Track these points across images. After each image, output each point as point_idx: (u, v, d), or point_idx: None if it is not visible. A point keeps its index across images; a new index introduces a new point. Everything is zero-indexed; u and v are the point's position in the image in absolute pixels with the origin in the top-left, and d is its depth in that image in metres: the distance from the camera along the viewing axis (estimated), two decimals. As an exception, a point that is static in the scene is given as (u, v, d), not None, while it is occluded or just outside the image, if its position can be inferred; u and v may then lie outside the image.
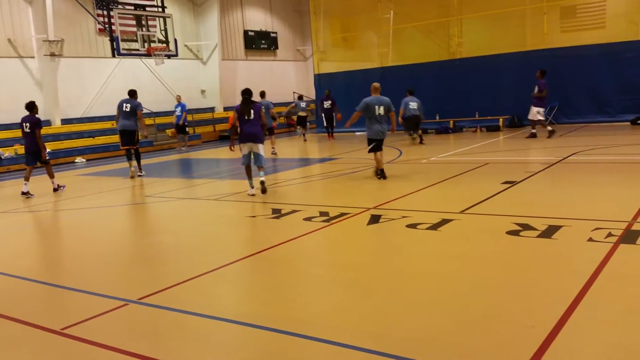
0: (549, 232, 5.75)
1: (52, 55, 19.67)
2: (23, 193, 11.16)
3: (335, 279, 5.02)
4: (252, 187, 9.51)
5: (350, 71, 22.31)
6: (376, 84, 10.39)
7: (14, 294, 5.17)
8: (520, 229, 5.96)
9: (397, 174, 10.88)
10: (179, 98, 20.66)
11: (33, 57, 19.85)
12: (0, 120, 18.95)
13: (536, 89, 14.83)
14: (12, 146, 18.05)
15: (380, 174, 10.00)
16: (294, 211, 7.83)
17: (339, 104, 19.42)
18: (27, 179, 11.28)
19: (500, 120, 18.28)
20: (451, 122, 19.38)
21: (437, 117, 19.57)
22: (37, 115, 11.50)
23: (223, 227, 7.62)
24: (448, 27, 20.58)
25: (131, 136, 13.07)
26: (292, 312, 4.22)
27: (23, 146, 12.09)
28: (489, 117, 18.57)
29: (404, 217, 6.93)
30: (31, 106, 11.45)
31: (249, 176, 9.67)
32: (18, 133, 18.82)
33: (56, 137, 19.59)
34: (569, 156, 11.07)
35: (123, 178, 13.11)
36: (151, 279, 5.37)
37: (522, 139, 14.95)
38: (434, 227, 6.36)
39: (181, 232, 7.47)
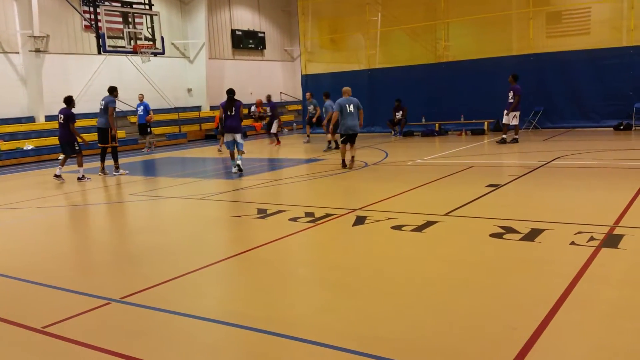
0: (532, 235, 5.81)
1: (37, 51, 19.44)
2: (56, 176, 12.29)
3: (320, 280, 5.03)
4: (234, 167, 11.96)
5: (338, 72, 22.35)
6: (346, 88, 11.97)
7: (-6, 292, 5.10)
8: (504, 231, 6.02)
9: (383, 176, 10.93)
10: (141, 97, 20.01)
11: (18, 53, 19.59)
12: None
13: (511, 94, 15.00)
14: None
15: (343, 164, 11.72)
16: (279, 211, 7.82)
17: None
18: (62, 164, 12.50)
19: (486, 123, 18.42)
20: (437, 125, 19.49)
21: (423, 120, 19.66)
22: (72, 110, 12.25)
23: (208, 227, 7.59)
24: (435, 30, 20.71)
25: (103, 134, 12.97)
26: (277, 313, 4.21)
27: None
28: (474, 121, 18.70)
29: (389, 218, 6.95)
30: (68, 100, 12.25)
31: (232, 158, 12.09)
32: (2, 128, 18.64)
33: (40, 133, 19.35)
34: (552, 160, 11.19)
35: (106, 176, 12.99)
36: (134, 278, 5.33)
37: (507, 142, 15.08)
38: (419, 229, 6.39)
39: (165, 231, 7.42)
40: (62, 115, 12.14)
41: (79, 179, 12.37)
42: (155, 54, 21.99)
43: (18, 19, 19.46)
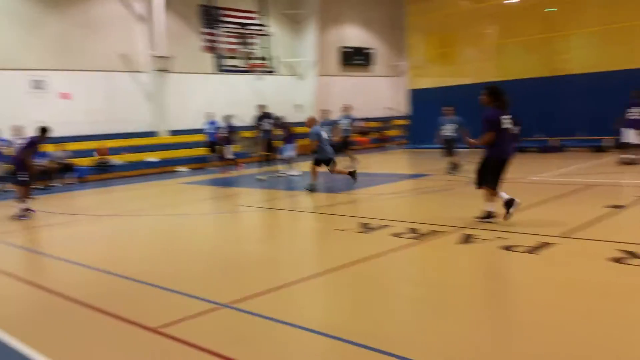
0: (661, 262, 5.31)
1: (162, 70, 21.02)
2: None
3: (422, 298, 4.92)
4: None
5: (446, 87, 21.93)
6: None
7: (115, 292, 5.54)
8: (626, 256, 5.54)
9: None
10: (210, 115, 19.82)
11: (144, 72, 21.31)
12: (115, 129, 20.45)
13: (635, 110, 13.71)
14: (121, 154, 19.40)
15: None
16: (382, 226, 7.78)
17: (433, 120, 19.11)
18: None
19: (606, 140, 17.13)
20: (552, 140, 18.45)
21: (537, 136, 18.71)
22: (42, 139, 10.84)
23: (311, 239, 7.73)
24: (552, 42, 19.70)
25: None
26: (378, 328, 4.18)
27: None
28: (593, 137, 17.47)
29: (498, 238, 6.67)
30: (42, 130, 10.73)
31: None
32: (129, 141, 20.32)
33: (162, 147, 20.83)
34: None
35: (218, 187, 13.66)
36: (241, 284, 5.54)
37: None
38: (531, 250, 6.06)
39: (271, 241, 7.66)
40: (24, 141, 10.87)
41: (16, 216, 10.25)
42: (268, 73, 22.89)
43: (146, 41, 21.21)
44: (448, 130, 13.49)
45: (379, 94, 30.13)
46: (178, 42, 21.84)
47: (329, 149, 12.22)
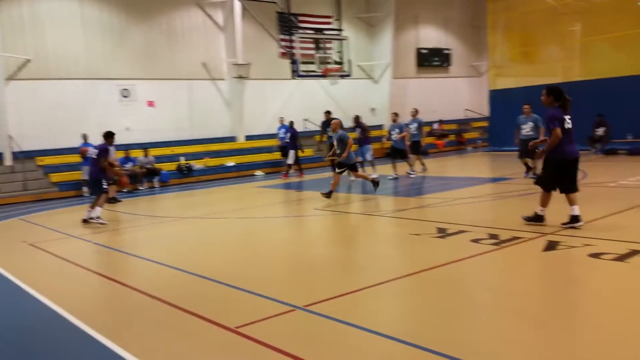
0: None
1: (240, 77, 21.62)
2: (84, 221, 10.53)
3: (503, 307, 4.71)
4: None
5: (530, 87, 21.07)
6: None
7: (196, 292, 5.72)
8: None
9: (580, 198, 9.94)
10: (281, 120, 19.98)
11: (223, 79, 22.01)
12: (194, 136, 21.27)
13: None
14: (203, 159, 20.12)
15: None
16: (460, 231, 7.56)
17: (515, 121, 18.42)
18: (92, 206, 10.60)
19: None
20: (646, 142, 17.28)
21: (629, 137, 17.56)
22: (110, 145, 10.91)
23: (386, 243, 7.63)
24: (645, 38, 18.46)
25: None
26: (455, 337, 4.04)
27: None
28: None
29: (586, 245, 6.29)
30: (107, 135, 10.82)
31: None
32: (209, 147, 21.05)
33: (240, 151, 21.41)
34: None
35: (292, 191, 13.82)
36: (317, 288, 5.55)
37: None
38: (621, 258, 5.67)
39: (345, 245, 7.64)
40: (96, 150, 10.76)
41: (84, 220, 10.48)
42: (342, 77, 22.97)
43: (224, 49, 21.89)
44: (527, 129, 12.71)
45: (458, 96, 29.46)
46: (255, 49, 22.39)
47: (352, 155, 12.03)
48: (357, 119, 15.91)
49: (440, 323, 4.35)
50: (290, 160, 18.07)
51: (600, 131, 17.96)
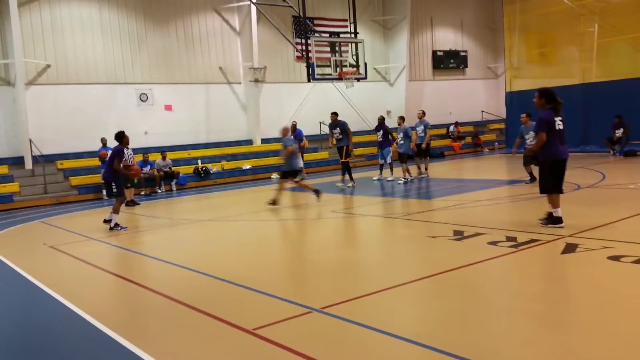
0: None
1: (256, 81, 21.74)
2: (106, 221, 10.59)
3: (521, 310, 4.68)
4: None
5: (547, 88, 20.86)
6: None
7: (214, 294, 5.76)
8: None
9: (599, 200, 9.84)
10: (294, 124, 18.97)
11: (240, 83, 22.15)
12: (211, 139, 21.43)
13: None
14: (220, 162, 20.25)
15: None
16: (477, 234, 7.52)
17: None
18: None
19: None
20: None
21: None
22: (125, 147, 10.65)
23: (403, 246, 7.62)
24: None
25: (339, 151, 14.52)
26: (473, 340, 4.02)
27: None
28: None
29: (605, 247, 6.22)
30: (120, 136, 10.56)
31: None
32: (226, 150, 21.19)
33: (256, 154, 21.52)
34: None
35: (307, 193, 13.83)
36: (333, 290, 5.56)
37: None
38: (642, 261, 5.60)
39: (362, 247, 7.64)
40: (109, 152, 10.64)
41: (105, 221, 10.52)
42: (358, 80, 22.96)
43: (241, 53, 22.03)
44: (530, 138, 11.97)
45: (474, 98, 29.31)
46: (272, 53, 22.50)
47: (296, 161, 11.80)
48: (381, 120, 15.86)
49: (457, 326, 4.34)
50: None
51: (619, 132, 17.75)
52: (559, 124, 7.41)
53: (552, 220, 7.58)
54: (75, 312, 5.37)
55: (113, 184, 10.38)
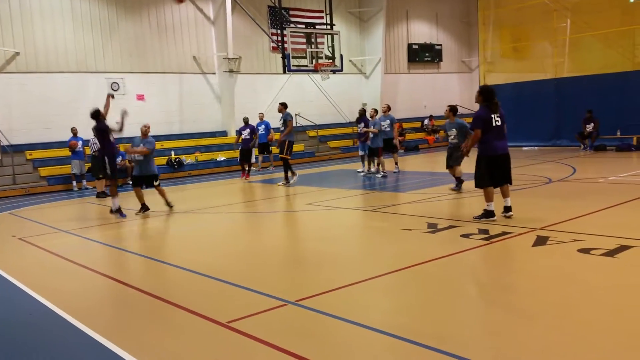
0: None
1: (231, 71, 21.52)
2: (112, 212, 10.68)
3: (492, 301, 4.76)
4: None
5: (520, 82, 21.17)
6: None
7: (187, 287, 5.71)
8: None
9: (569, 194, 10.04)
10: (261, 116, 19.19)
11: (214, 73, 21.90)
12: (184, 130, 21.17)
13: None
14: (194, 153, 20.04)
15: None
16: (450, 227, 7.61)
17: (508, 116, 18.51)
18: (112, 195, 10.78)
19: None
20: (635, 138, 17.41)
21: (618, 133, 17.72)
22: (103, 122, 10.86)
23: (376, 238, 7.66)
24: (633, 35, 18.58)
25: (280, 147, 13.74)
26: (444, 330, 4.08)
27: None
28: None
29: (575, 240, 6.36)
30: (96, 114, 10.84)
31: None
32: (200, 141, 20.97)
33: (231, 146, 21.32)
34: None
35: (282, 186, 13.81)
36: (308, 282, 5.57)
37: None
38: (610, 253, 5.74)
39: (336, 240, 7.65)
40: (95, 131, 10.84)
41: (112, 212, 10.64)
42: (334, 72, 22.93)
43: (215, 43, 21.78)
44: (452, 135, 11.18)
45: (449, 91, 29.54)
46: (247, 43, 22.29)
47: (153, 166, 10.78)
48: (362, 112, 15.70)
49: (429, 317, 4.38)
50: (252, 158, 17.76)
51: (589, 127, 18.11)
52: (496, 120, 7.63)
53: (485, 214, 7.84)
54: (45, 306, 5.26)
55: (107, 160, 10.51)
